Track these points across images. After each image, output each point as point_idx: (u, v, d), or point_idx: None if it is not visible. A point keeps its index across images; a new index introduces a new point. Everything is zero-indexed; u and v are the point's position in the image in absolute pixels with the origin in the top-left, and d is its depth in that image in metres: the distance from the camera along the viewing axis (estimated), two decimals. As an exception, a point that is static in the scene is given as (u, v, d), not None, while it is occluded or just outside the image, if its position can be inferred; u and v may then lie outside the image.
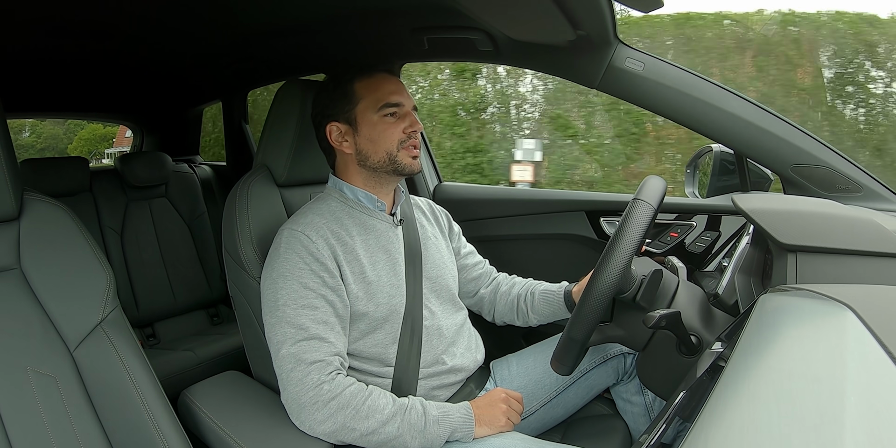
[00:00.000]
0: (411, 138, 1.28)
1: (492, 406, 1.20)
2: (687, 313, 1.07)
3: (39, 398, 0.99)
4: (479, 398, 1.24)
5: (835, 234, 1.02)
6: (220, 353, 2.36)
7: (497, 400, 1.22)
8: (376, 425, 1.09)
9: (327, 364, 1.12)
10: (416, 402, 1.15)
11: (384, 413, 1.11)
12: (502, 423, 1.19)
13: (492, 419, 1.18)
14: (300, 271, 1.17)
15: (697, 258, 1.69)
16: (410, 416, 1.12)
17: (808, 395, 0.56)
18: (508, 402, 1.22)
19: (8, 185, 1.03)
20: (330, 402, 1.09)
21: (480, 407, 1.20)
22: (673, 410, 0.70)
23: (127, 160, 2.66)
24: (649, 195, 1.07)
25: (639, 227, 1.03)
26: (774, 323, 0.77)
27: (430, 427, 1.12)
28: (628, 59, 1.44)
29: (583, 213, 1.94)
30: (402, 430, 1.10)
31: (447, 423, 1.14)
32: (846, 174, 1.35)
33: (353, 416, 1.09)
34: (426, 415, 1.13)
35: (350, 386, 1.12)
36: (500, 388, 1.26)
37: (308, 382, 1.10)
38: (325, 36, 1.84)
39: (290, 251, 1.19)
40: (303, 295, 1.15)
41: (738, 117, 1.39)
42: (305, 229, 1.21)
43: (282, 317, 1.14)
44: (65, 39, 1.85)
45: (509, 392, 1.25)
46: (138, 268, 2.60)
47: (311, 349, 1.12)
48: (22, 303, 1.04)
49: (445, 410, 1.16)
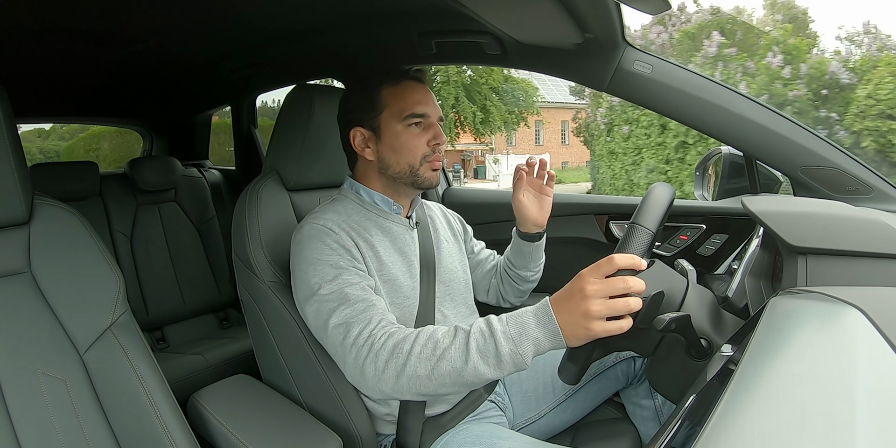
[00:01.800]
0: (436, 152, 1.27)
1: (570, 297, 0.91)
2: (697, 316, 1.07)
3: (49, 401, 1.00)
4: (561, 291, 0.95)
5: (845, 236, 1.01)
6: (229, 356, 2.37)
7: (580, 294, 0.90)
8: (439, 362, 0.97)
9: (378, 319, 1.08)
10: (480, 324, 0.98)
11: (442, 347, 0.98)
12: (594, 312, 0.88)
13: (579, 321, 0.89)
14: (328, 256, 1.16)
15: (707, 261, 1.68)
16: (476, 341, 0.96)
17: (818, 399, 0.56)
18: (598, 284, 0.89)
19: (18, 189, 1.03)
20: (383, 346, 1.02)
21: (561, 302, 0.93)
22: (683, 414, 0.70)
23: (136, 165, 2.67)
24: (649, 218, 1.03)
25: (636, 252, 1.01)
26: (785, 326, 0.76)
27: (503, 348, 0.93)
28: (637, 61, 1.44)
29: (592, 217, 1.93)
30: (473, 361, 0.94)
31: (525, 337, 0.93)
32: (856, 176, 1.34)
33: (410, 358, 0.99)
34: (494, 335, 0.95)
35: (405, 330, 1.05)
36: (584, 270, 0.93)
37: (361, 339, 1.05)
38: (333, 40, 1.84)
39: (314, 240, 1.18)
40: (336, 273, 1.14)
41: (747, 119, 1.38)
42: (327, 223, 1.21)
43: (321, 298, 1.12)
44: (75, 45, 1.87)
45: (600, 263, 0.91)
46: (148, 272, 2.61)
47: (358, 311, 1.09)
48: (32, 306, 1.05)
49: (521, 320, 0.95)
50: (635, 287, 0.88)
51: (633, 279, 0.88)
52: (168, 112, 3.22)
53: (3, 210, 1.04)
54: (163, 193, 2.76)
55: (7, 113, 1.01)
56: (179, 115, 3.26)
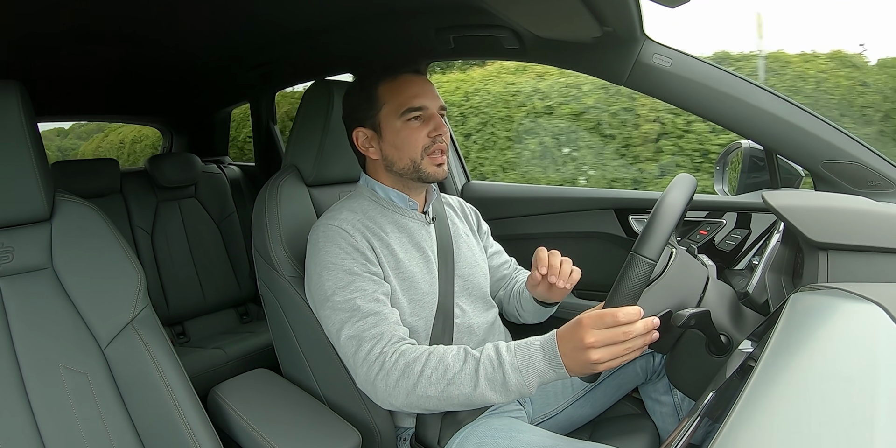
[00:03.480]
0: (437, 142, 1.25)
1: (573, 342, 0.94)
2: (717, 312, 1.06)
3: (71, 394, 1.02)
4: (564, 331, 0.97)
5: (867, 231, 1.00)
6: (249, 350, 2.39)
7: (581, 344, 0.92)
8: (448, 386, 1.00)
9: (389, 335, 1.10)
10: (489, 352, 1.01)
11: (452, 372, 1.00)
12: (595, 360, 0.91)
13: (582, 364, 0.93)
14: (342, 260, 1.17)
15: (727, 256, 1.67)
16: (485, 369, 0.99)
17: (839, 396, 0.56)
18: (599, 335, 0.90)
19: (40, 186, 1.05)
20: (395, 366, 1.05)
21: (564, 345, 0.96)
22: (702, 411, 0.70)
23: (157, 161, 2.70)
24: (651, 245, 0.97)
25: (635, 282, 0.97)
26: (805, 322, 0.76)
27: (511, 378, 0.97)
28: (656, 54, 1.42)
29: (611, 211, 1.92)
30: (481, 388, 0.98)
31: (532, 369, 0.96)
32: (878, 170, 1.33)
33: (421, 380, 1.02)
34: (503, 365, 0.98)
35: (415, 350, 1.06)
36: (585, 318, 0.94)
37: (372, 356, 1.07)
38: (350, 36, 1.85)
39: (329, 243, 1.19)
40: (350, 280, 1.15)
41: (768, 112, 1.37)
42: (342, 224, 1.21)
43: (334, 304, 1.14)
44: (95, 45, 1.89)
45: (602, 315, 0.91)
46: (168, 267, 2.64)
47: (369, 326, 1.11)
48: (54, 301, 1.07)
49: (529, 353, 0.98)
50: (636, 332, 0.90)
51: (634, 327, 0.90)
52: (188, 109, 3.25)
53: (25, 207, 1.06)
54: (183, 190, 2.78)
55: (28, 112, 1.03)
56: (199, 112, 3.30)
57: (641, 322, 0.91)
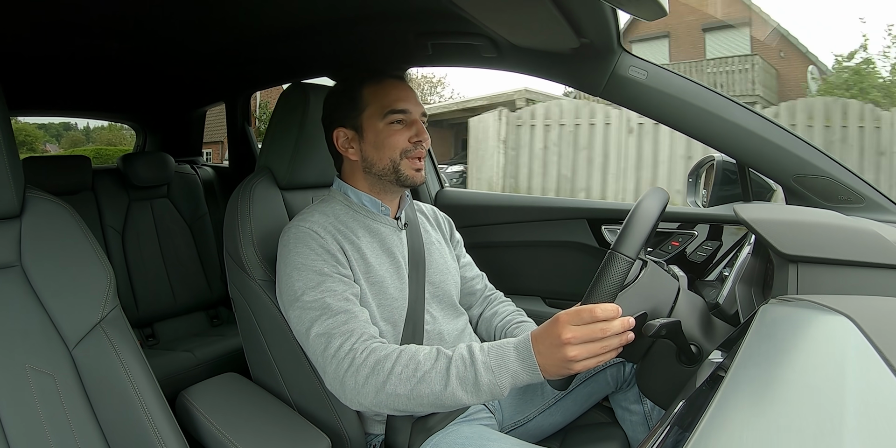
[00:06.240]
0: (416, 148, 1.26)
1: (549, 340, 0.94)
2: (687, 322, 1.07)
3: (37, 396, 0.99)
4: (540, 330, 0.97)
5: (836, 244, 1.02)
6: (219, 354, 2.36)
7: (557, 340, 0.92)
8: (418, 384, 0.99)
9: (360, 332, 1.09)
10: (462, 351, 1.01)
11: (423, 369, 1.00)
12: (571, 357, 0.91)
13: (558, 363, 0.93)
14: (313, 261, 1.16)
15: (699, 267, 1.69)
16: (457, 368, 0.98)
17: (807, 406, 0.56)
18: (577, 332, 0.91)
19: (10, 182, 1.03)
20: (364, 362, 1.03)
21: (540, 343, 0.96)
22: (672, 419, 0.70)
23: (130, 160, 2.66)
24: (629, 244, 0.99)
25: (614, 280, 0.98)
26: (775, 333, 0.77)
27: (483, 378, 0.96)
28: (632, 67, 1.44)
29: (584, 221, 1.94)
30: (451, 387, 0.97)
31: (504, 369, 0.96)
32: (848, 185, 1.35)
33: (391, 377, 1.00)
34: (475, 364, 0.97)
35: (386, 348, 1.05)
36: (562, 315, 0.94)
37: (342, 352, 1.06)
38: (329, 39, 1.84)
39: (299, 244, 1.19)
40: (320, 280, 1.15)
41: (741, 127, 1.39)
42: (313, 226, 1.21)
43: (304, 304, 1.13)
44: (69, 37, 1.86)
45: (580, 311, 0.92)
46: (139, 268, 2.60)
47: (339, 323, 1.09)
48: (22, 300, 1.04)
49: (502, 352, 0.98)
50: (613, 330, 0.91)
51: (611, 324, 0.91)
52: (162, 108, 3.21)
53: None
54: (155, 189, 2.75)
55: (0, 105, 1.01)
56: (173, 112, 3.25)
57: (618, 321, 0.92)
